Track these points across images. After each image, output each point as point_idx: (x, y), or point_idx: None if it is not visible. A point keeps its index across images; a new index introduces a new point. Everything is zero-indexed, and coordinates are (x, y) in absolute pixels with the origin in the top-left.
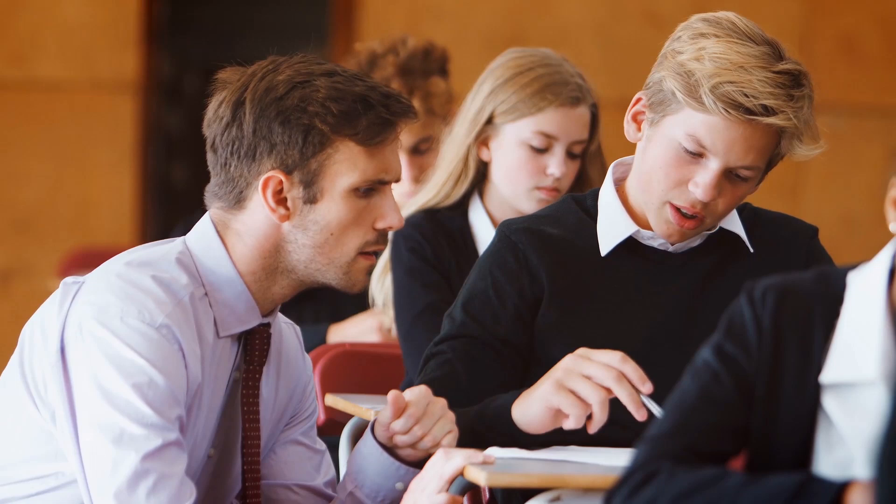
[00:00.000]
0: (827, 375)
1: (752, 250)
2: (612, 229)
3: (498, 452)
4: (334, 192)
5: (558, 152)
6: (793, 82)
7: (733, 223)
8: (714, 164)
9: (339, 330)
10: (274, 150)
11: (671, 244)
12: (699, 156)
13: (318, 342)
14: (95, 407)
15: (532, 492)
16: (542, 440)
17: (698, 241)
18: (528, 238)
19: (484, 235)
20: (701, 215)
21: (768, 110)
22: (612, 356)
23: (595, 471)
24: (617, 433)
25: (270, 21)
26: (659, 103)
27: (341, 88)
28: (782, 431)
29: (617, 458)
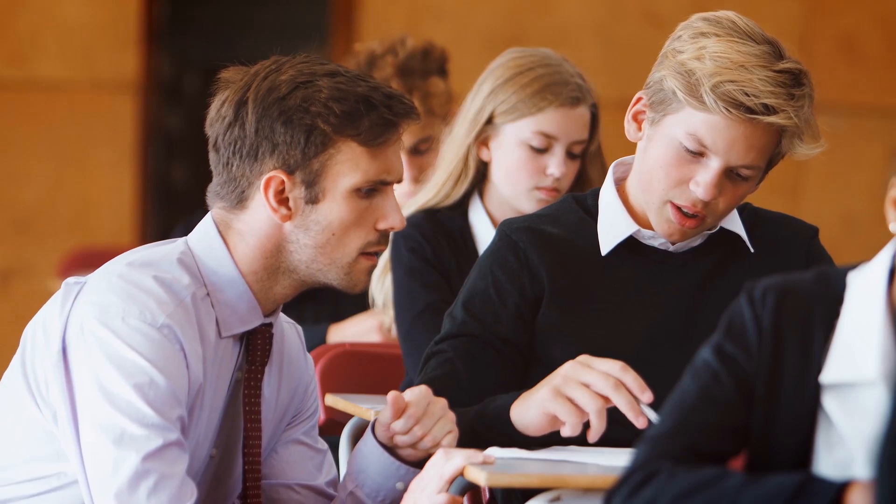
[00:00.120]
0: (827, 375)
1: (752, 250)
2: (612, 229)
3: (498, 452)
4: (336, 192)
5: (558, 152)
6: (793, 81)
7: (734, 223)
8: (715, 163)
9: (338, 330)
10: (276, 150)
11: (672, 244)
12: (700, 155)
13: (318, 342)
14: (96, 407)
15: (532, 492)
16: (542, 440)
17: (699, 241)
18: (528, 237)
19: (484, 235)
20: (702, 214)
21: (769, 109)
22: (612, 365)
23: (595, 471)
24: (617, 433)
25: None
26: (659, 102)
27: (344, 89)
28: (782, 431)
29: (617, 458)
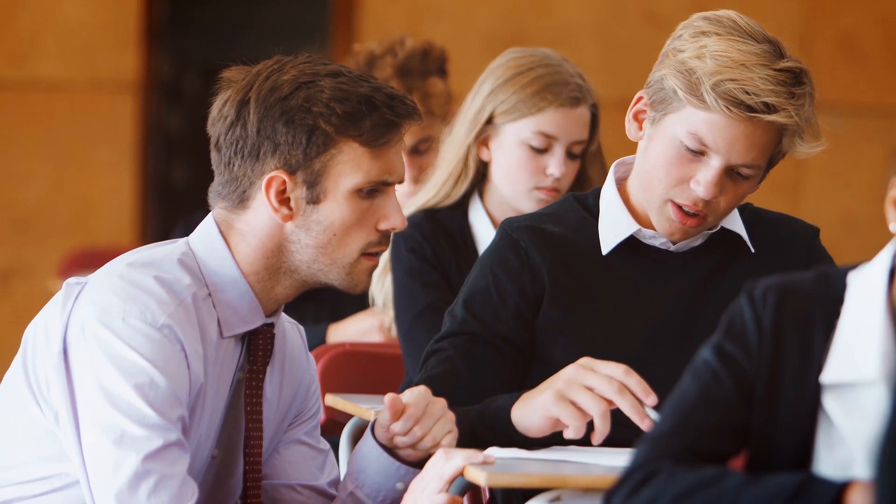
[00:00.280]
0: (827, 375)
1: (753, 250)
2: (613, 228)
3: (498, 452)
4: (337, 192)
5: (558, 152)
6: (794, 80)
7: (735, 223)
8: (716, 161)
9: (338, 329)
10: (278, 150)
11: (673, 243)
12: (701, 154)
13: (318, 342)
14: (97, 408)
15: (532, 492)
16: (543, 440)
17: (700, 241)
18: (529, 236)
19: (484, 235)
20: (703, 213)
21: (769, 108)
22: (616, 368)
23: (595, 471)
24: (618, 433)
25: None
26: (660, 102)
27: (346, 89)
28: (782, 431)
29: (617, 458)
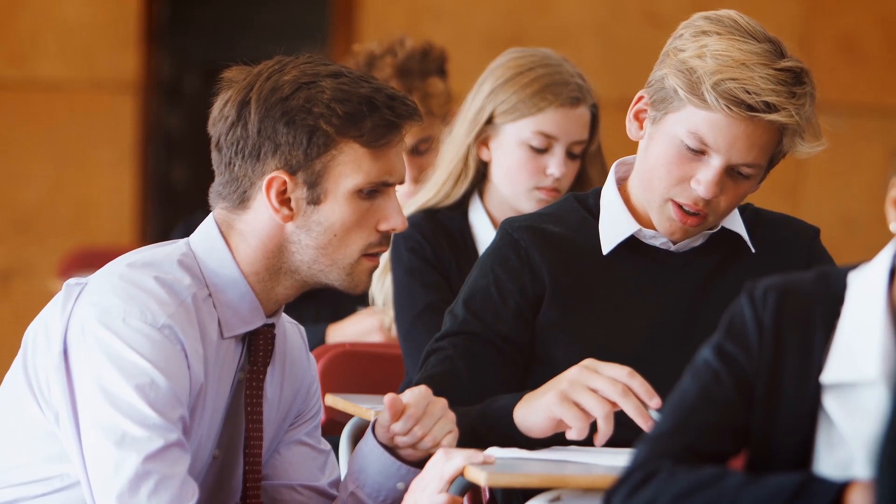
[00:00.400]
0: (827, 375)
1: (753, 250)
2: (614, 228)
3: (498, 452)
4: (338, 193)
5: (558, 152)
6: (794, 79)
7: (735, 223)
8: (716, 161)
9: (337, 329)
10: (278, 151)
11: (673, 243)
12: (701, 153)
13: (318, 342)
14: (98, 408)
15: (532, 492)
16: (544, 441)
17: (700, 241)
18: (530, 236)
19: (484, 235)
20: (703, 213)
21: (770, 107)
22: (620, 370)
23: (595, 471)
24: (618, 433)
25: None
26: (661, 101)
27: (347, 90)
28: (782, 431)
29: (617, 459)
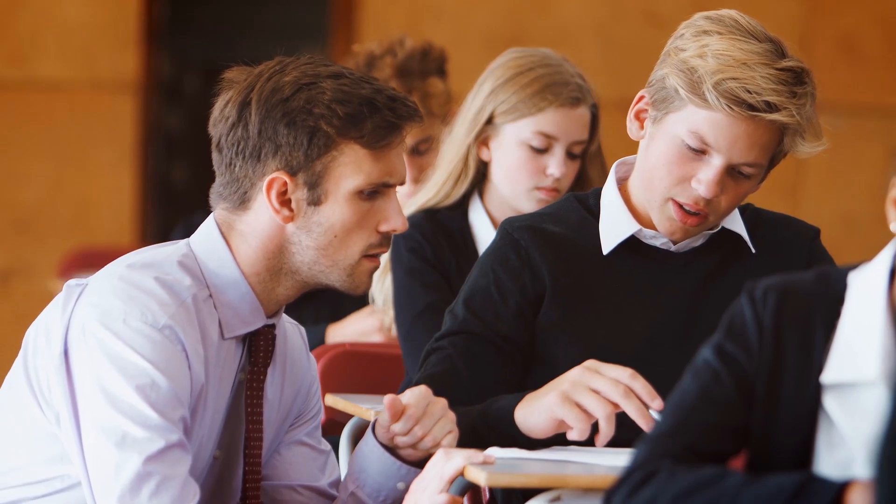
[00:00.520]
0: (828, 375)
1: (753, 251)
2: (614, 228)
3: (498, 452)
4: (338, 194)
5: (558, 152)
6: (795, 79)
7: (735, 223)
8: (717, 160)
9: (337, 329)
10: (279, 152)
11: (674, 242)
12: (702, 153)
13: (317, 342)
14: (98, 409)
15: (532, 492)
16: (545, 441)
17: (700, 241)
18: (530, 236)
19: (484, 235)
20: (704, 212)
21: (771, 107)
22: (622, 372)
23: (595, 471)
24: (619, 433)
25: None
26: (662, 101)
27: (347, 91)
28: (783, 431)
29: (617, 459)
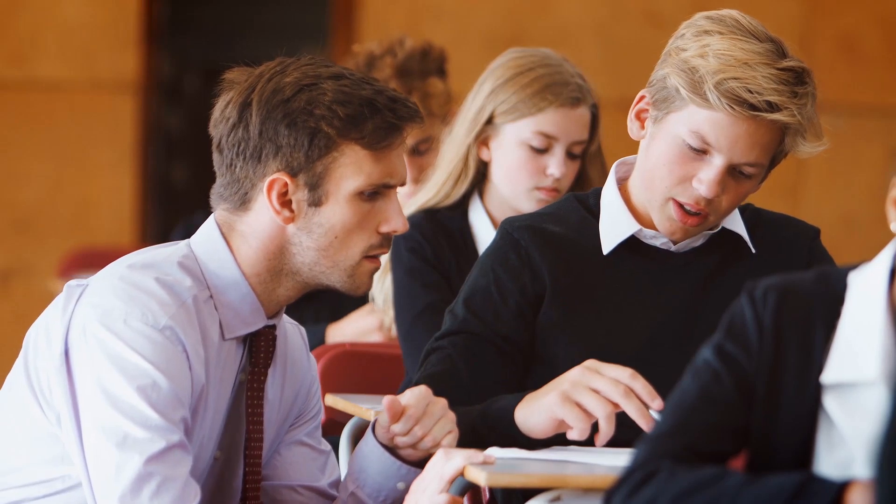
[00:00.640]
0: (828, 375)
1: (753, 251)
2: (614, 228)
3: (498, 452)
4: (339, 195)
5: (558, 152)
6: (796, 79)
7: (735, 223)
8: (718, 160)
9: (337, 328)
10: (280, 153)
11: (674, 242)
12: (703, 152)
13: (317, 342)
14: (99, 410)
15: (532, 492)
16: (545, 441)
17: (700, 241)
18: (530, 235)
19: (484, 235)
20: (704, 212)
21: (772, 106)
22: (622, 372)
23: (595, 471)
24: (619, 433)
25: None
26: (663, 100)
27: (348, 92)
28: (783, 431)
29: (618, 459)
